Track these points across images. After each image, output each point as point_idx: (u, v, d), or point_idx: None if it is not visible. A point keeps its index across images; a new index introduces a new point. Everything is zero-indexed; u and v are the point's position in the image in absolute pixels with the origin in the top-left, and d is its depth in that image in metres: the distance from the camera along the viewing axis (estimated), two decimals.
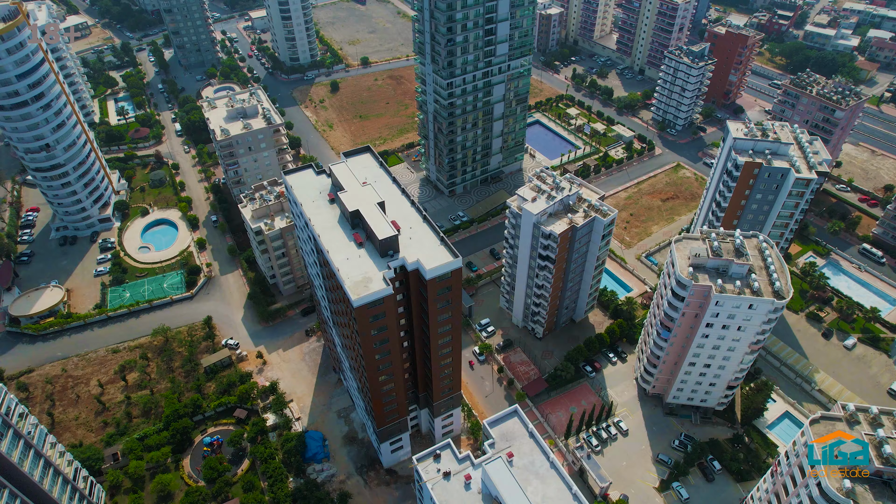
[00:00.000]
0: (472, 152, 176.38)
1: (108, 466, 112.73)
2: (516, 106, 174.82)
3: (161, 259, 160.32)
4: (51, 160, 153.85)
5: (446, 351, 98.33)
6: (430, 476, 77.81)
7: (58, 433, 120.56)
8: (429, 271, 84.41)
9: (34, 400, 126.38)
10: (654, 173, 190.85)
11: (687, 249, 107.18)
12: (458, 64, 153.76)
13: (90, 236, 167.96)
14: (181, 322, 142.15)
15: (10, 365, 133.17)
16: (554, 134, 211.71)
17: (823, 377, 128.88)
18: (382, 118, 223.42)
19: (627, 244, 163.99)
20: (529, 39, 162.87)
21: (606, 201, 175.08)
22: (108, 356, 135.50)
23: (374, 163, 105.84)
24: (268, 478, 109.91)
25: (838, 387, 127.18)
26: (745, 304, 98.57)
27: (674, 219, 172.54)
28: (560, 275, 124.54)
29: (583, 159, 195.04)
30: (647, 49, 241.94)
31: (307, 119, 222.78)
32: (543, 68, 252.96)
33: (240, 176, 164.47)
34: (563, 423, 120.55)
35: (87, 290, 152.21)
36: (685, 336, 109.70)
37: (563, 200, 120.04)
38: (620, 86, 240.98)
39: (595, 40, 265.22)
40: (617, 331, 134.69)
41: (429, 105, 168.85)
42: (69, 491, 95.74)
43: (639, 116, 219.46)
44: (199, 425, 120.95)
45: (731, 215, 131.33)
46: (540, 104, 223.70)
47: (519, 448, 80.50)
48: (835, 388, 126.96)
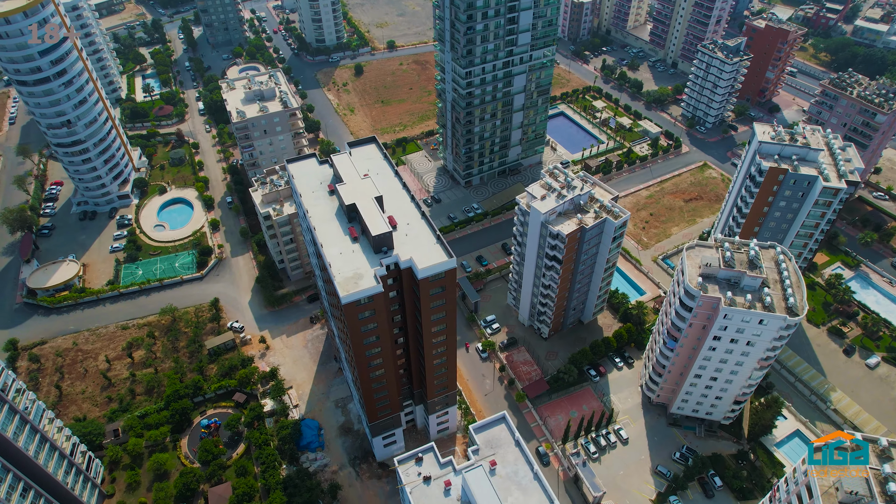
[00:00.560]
0: (490, 143, 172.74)
1: (108, 442, 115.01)
2: (538, 97, 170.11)
3: (175, 238, 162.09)
4: (72, 136, 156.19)
5: (440, 350, 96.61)
6: (409, 479, 76.61)
7: (64, 405, 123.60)
8: (421, 270, 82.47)
9: (45, 372, 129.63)
10: (678, 172, 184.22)
11: (699, 258, 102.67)
12: (477, 53, 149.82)
13: (109, 212, 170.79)
14: (189, 302, 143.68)
15: (25, 336, 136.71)
16: (578, 127, 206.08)
17: (840, 396, 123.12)
18: (404, 104, 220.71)
19: (644, 245, 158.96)
20: (554, 29, 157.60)
21: (627, 199, 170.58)
22: (117, 332, 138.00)
23: (378, 154, 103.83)
24: (261, 463, 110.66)
25: (855, 408, 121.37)
26: (755, 319, 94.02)
27: (695, 221, 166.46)
28: (567, 276, 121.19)
29: (605, 154, 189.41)
30: (681, 41, 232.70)
31: (329, 102, 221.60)
32: (572, 58, 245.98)
33: (255, 158, 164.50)
34: (563, 426, 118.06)
35: (103, 266, 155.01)
36: (692, 347, 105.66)
37: (573, 200, 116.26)
38: (651, 79, 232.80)
39: (628, 30, 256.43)
40: (625, 335, 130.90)
41: (447, 94, 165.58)
42: (65, 466, 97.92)
43: (668, 112, 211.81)
44: (199, 406, 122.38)
45: (751, 222, 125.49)
46: (566, 95, 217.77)
47: (504, 456, 78.59)
48: (851, 408, 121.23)
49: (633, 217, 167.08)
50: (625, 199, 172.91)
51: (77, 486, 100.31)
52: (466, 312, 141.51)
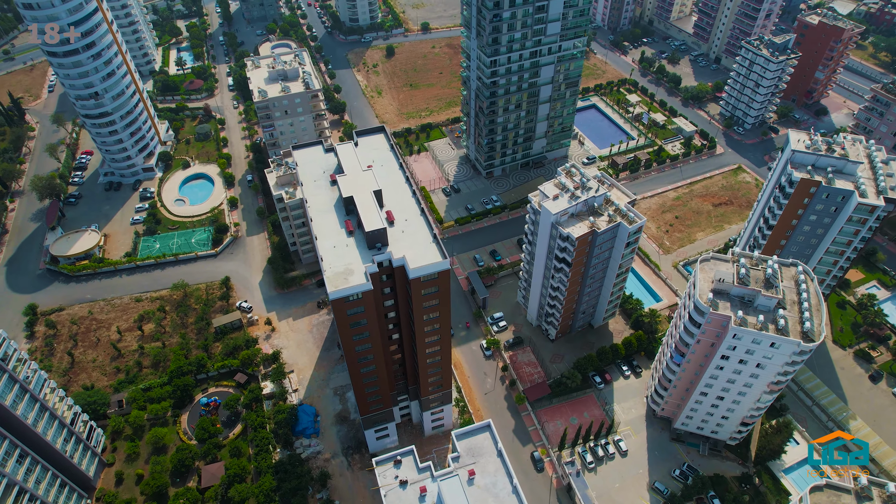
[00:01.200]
0: (514, 135, 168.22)
1: (112, 412, 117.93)
2: (566, 90, 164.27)
3: (193, 214, 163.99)
4: (99, 108, 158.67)
5: (434, 349, 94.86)
6: (386, 482, 75.56)
7: (75, 372, 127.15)
8: (412, 270, 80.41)
9: (60, 338, 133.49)
10: (710, 174, 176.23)
11: (713, 272, 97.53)
12: (503, 41, 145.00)
13: (133, 184, 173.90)
14: (201, 279, 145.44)
15: (44, 302, 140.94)
16: (609, 121, 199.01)
17: (860, 426, 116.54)
18: (433, 88, 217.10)
19: (666, 249, 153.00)
20: (586, 20, 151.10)
21: (652, 200, 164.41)
22: (130, 304, 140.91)
23: (385, 144, 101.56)
24: (255, 446, 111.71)
25: (876, 438, 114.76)
26: (767, 341, 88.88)
27: (723, 227, 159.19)
28: (577, 279, 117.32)
29: (635, 151, 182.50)
30: (726, 35, 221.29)
31: (357, 83, 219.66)
32: (611, 48, 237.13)
33: (275, 139, 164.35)
34: (561, 432, 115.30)
35: (123, 237, 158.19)
36: (699, 364, 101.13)
37: (587, 201, 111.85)
38: (691, 74, 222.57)
39: (671, 21, 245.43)
40: (634, 343, 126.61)
41: (472, 81, 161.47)
42: (65, 434, 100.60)
43: (705, 110, 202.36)
44: (202, 384, 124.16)
45: (778, 235, 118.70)
46: (599, 87, 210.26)
47: (484, 466, 76.68)
48: (872, 439, 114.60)
49: (656, 219, 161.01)
50: (650, 200, 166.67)
51: (76, 454, 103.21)
52: (474, 308, 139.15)
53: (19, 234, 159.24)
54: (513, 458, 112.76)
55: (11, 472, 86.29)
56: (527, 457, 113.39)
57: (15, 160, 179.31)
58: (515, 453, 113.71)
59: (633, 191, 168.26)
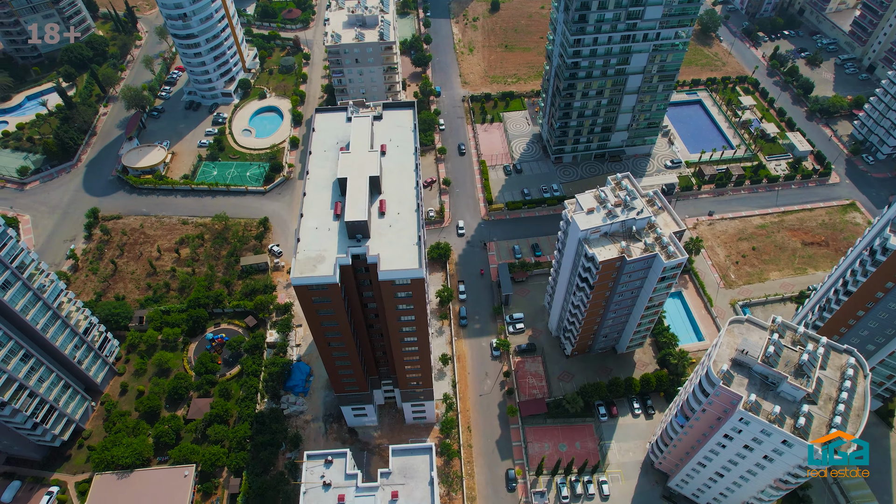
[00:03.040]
0: (591, 122, 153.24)
1: (133, 326, 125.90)
2: (658, 83, 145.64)
3: (255, 146, 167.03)
4: (186, 29, 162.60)
5: (411, 349, 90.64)
6: (309, 479, 74.00)
7: (114, 280, 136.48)
8: (382, 272, 75.38)
9: (110, 245, 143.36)
10: (812, 205, 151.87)
11: (740, 338, 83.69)
12: (591, 19, 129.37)
13: (210, 107, 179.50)
14: (244, 214, 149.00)
15: (107, 207, 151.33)
16: (712, 122, 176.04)
17: None
18: (528, 53, 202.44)
19: (729, 283, 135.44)
20: (695, 7, 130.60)
21: (730, 223, 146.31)
22: (177, 225, 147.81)
23: (409, 123, 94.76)
24: (244, 391, 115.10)
25: None
26: (778, 437, 75.67)
27: (806, 271, 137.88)
28: (599, 302, 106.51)
29: (729, 163, 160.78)
30: (890, 39, 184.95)
31: (451, 36, 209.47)
32: (741, 37, 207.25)
33: (343, 86, 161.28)
34: (545, 456, 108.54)
35: (187, 158, 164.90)
36: (702, 432, 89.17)
37: (625, 222, 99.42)
38: (830, 82, 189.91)
39: (826, 14, 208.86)
40: (653, 382, 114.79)
41: (554, 57, 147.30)
42: (76, 341, 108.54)
43: (833, 128, 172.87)
44: (215, 318, 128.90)
45: (850, 309, 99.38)
46: (712, 82, 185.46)
47: (410, 491, 72.77)
48: None
49: (728, 246, 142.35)
50: (728, 223, 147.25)
51: (86, 360, 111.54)
52: (496, 302, 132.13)
53: (104, 139, 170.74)
54: (487, 470, 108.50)
55: (13, 369, 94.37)
56: (501, 472, 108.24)
57: (117, 67, 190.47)
58: (491, 466, 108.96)
59: (712, 208, 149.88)
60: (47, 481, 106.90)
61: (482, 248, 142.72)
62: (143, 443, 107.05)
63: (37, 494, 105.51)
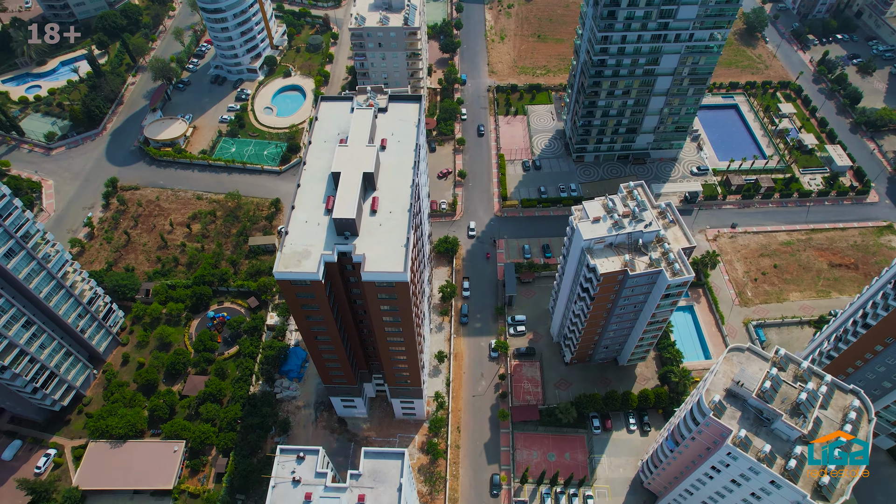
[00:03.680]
0: (615, 123, 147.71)
1: (139, 298, 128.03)
2: (689, 86, 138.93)
3: (275, 125, 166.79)
4: (214, 3, 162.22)
5: (397, 349, 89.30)
6: (279, 473, 73.84)
7: (127, 251, 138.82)
8: (366, 273, 73.86)
9: (125, 215, 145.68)
10: (845, 224, 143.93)
11: (739, 367, 79.72)
12: (620, 16, 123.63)
13: (235, 82, 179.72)
14: (257, 193, 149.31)
15: (126, 178, 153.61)
16: (746, 129, 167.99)
17: None
18: (560, 45, 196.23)
19: (745, 301, 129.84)
20: (732, 8, 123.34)
21: (753, 237, 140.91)
22: (191, 200, 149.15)
23: (414, 117, 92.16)
24: (241, 371, 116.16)
25: None
26: (766, 477, 72.00)
27: (829, 294, 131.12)
28: (600, 314, 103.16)
29: (759, 174, 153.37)
30: None
31: (483, 22, 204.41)
32: (789, 38, 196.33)
33: (365, 69, 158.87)
34: (531, 464, 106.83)
35: (208, 133, 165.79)
36: (691, 460, 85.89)
37: (632, 234, 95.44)
38: (882, 92, 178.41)
39: (886, 18, 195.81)
40: (651, 398, 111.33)
41: (581, 53, 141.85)
42: (79, 310, 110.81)
43: (879, 143, 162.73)
44: (219, 296, 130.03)
45: (868, 343, 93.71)
46: (751, 86, 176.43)
47: (378, 496, 71.84)
48: None
49: (748, 262, 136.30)
50: (751, 237, 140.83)
51: (89, 330, 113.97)
52: (499, 302, 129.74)
53: (130, 108, 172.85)
54: (472, 473, 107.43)
55: (14, 335, 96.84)
56: (486, 476, 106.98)
57: (149, 37, 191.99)
58: (476, 469, 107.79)
59: (736, 221, 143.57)
60: (46, 443, 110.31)
61: (491, 244, 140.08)
62: (138, 415, 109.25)
63: (35, 455, 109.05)
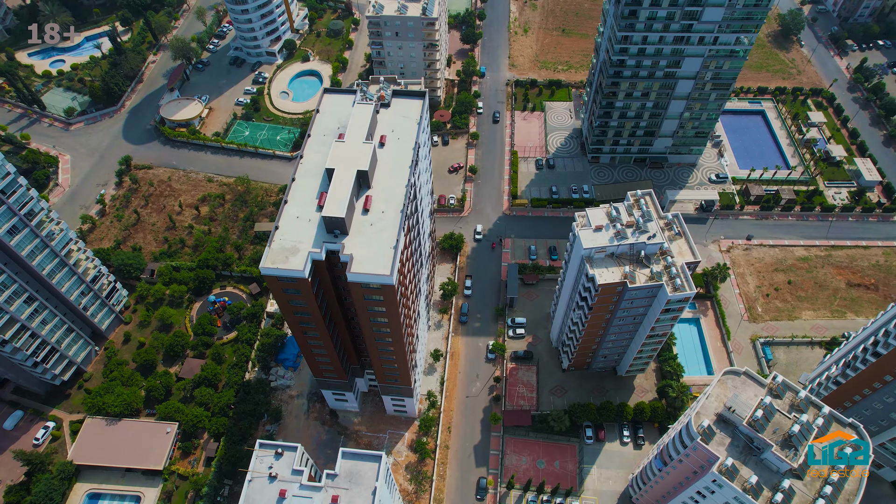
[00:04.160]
0: (633, 125, 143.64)
1: (144, 278, 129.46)
2: (711, 91, 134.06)
3: (290, 111, 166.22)
4: None
5: (386, 349, 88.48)
6: (257, 468, 74.01)
7: (136, 230, 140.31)
8: (352, 274, 72.84)
9: (137, 194, 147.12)
10: (868, 243, 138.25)
11: (733, 391, 77.10)
12: (641, 16, 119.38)
13: (253, 65, 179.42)
14: (267, 178, 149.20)
15: (140, 156, 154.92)
16: (771, 137, 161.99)
17: None
18: (585, 40, 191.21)
19: (754, 316, 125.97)
20: (761, 12, 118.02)
21: (769, 251, 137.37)
22: (202, 182, 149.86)
23: (416, 114, 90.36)
24: (238, 357, 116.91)
25: None
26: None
27: (844, 315, 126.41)
28: (599, 323, 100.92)
29: (781, 184, 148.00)
30: None
31: (507, 13, 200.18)
32: (827, 42, 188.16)
33: (382, 58, 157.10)
34: (519, 469, 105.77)
35: (223, 115, 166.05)
36: (678, 481, 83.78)
37: (634, 245, 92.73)
38: None
39: None
40: (647, 412, 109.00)
41: (601, 51, 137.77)
42: (82, 288, 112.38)
43: None
44: (222, 280, 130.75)
45: (876, 372, 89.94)
46: (780, 92, 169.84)
47: (352, 498, 71.50)
48: None
49: (761, 276, 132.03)
50: (766, 250, 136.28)
51: (92, 307, 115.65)
52: (500, 303, 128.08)
53: (149, 86, 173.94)
54: (459, 474, 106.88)
55: (16, 310, 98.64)
56: (473, 479, 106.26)
57: (172, 15, 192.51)
58: (464, 471, 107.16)
59: (752, 232, 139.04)
60: (46, 416, 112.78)
61: (497, 243, 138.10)
62: (135, 394, 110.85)
63: (35, 426, 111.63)
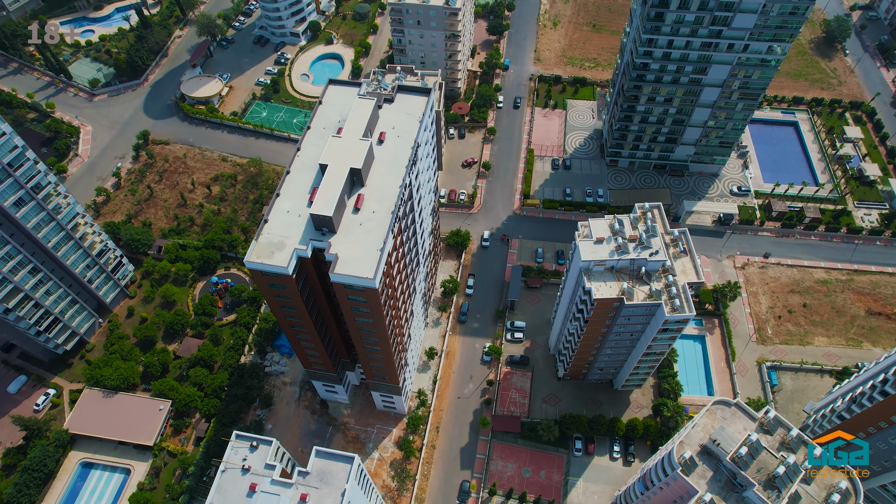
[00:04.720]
0: (654, 130, 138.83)
1: (151, 254, 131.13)
2: (738, 100, 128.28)
3: (308, 94, 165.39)
4: None
5: (373, 348, 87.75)
6: (231, 458, 74.30)
7: (148, 205, 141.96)
8: (335, 274, 71.91)
9: (152, 169, 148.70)
10: (894, 269, 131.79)
11: (720, 423, 74.30)
12: (668, 19, 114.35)
13: (276, 45, 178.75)
14: (280, 161, 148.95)
15: (158, 131, 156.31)
16: (802, 151, 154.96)
17: None
18: (615, 37, 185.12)
19: (763, 338, 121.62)
20: (797, 21, 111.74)
21: (786, 270, 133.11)
22: (216, 161, 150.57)
23: (418, 112, 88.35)
24: (235, 340, 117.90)
25: None
26: None
27: (860, 345, 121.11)
28: (595, 336, 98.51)
29: (807, 202, 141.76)
30: None
31: (537, 5, 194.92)
32: (874, 52, 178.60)
33: (403, 46, 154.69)
34: (503, 476, 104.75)
35: (243, 94, 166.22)
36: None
37: (635, 261, 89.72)
38: None
39: None
40: (640, 428, 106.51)
41: (625, 52, 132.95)
42: (88, 262, 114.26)
43: None
44: (226, 262, 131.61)
45: (883, 412, 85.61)
46: (816, 103, 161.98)
47: (321, 497, 71.39)
48: None
49: (775, 296, 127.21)
50: (783, 269, 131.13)
51: (97, 281, 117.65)
52: (501, 305, 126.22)
53: (173, 61, 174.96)
54: (443, 475, 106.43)
55: (20, 280, 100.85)
56: (457, 481, 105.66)
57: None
58: (448, 472, 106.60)
59: (770, 250, 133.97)
60: (48, 382, 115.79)
61: (503, 242, 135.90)
62: (132, 369, 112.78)
63: (37, 392, 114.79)
